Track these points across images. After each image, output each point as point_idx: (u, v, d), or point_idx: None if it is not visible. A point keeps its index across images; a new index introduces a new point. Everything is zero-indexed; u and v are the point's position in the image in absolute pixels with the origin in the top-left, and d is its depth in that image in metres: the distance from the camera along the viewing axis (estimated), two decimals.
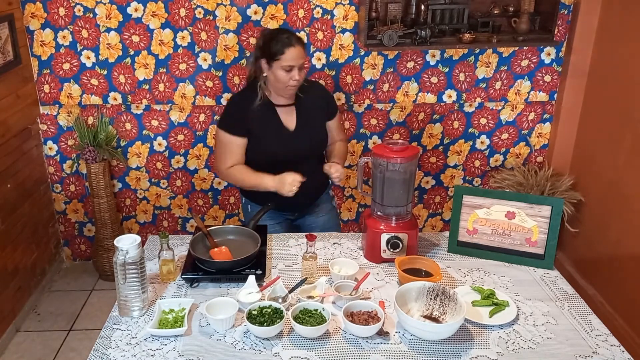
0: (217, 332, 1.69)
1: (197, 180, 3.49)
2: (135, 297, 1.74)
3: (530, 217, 2.01)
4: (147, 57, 3.19)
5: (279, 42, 2.13)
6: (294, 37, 2.16)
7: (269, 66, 2.17)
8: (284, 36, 2.15)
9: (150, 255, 2.09)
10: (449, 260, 2.09)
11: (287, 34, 2.17)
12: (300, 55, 2.14)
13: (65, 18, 3.11)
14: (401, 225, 2.03)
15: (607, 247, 3.00)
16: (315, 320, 1.67)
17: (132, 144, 3.39)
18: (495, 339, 1.67)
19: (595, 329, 1.72)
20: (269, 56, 2.15)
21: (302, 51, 2.15)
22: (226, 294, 1.87)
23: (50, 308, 3.25)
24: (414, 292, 1.76)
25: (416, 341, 1.65)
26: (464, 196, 2.09)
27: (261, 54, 2.19)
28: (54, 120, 3.33)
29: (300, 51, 2.14)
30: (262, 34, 2.25)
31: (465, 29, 3.07)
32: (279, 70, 2.15)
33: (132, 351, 1.62)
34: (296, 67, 2.14)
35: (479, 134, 3.46)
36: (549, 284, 1.94)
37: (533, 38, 3.10)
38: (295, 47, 2.13)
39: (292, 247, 2.17)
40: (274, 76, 2.17)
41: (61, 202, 3.52)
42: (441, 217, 3.69)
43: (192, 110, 3.32)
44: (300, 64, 2.15)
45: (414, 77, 3.30)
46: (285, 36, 2.15)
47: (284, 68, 2.13)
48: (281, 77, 2.16)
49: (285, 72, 2.14)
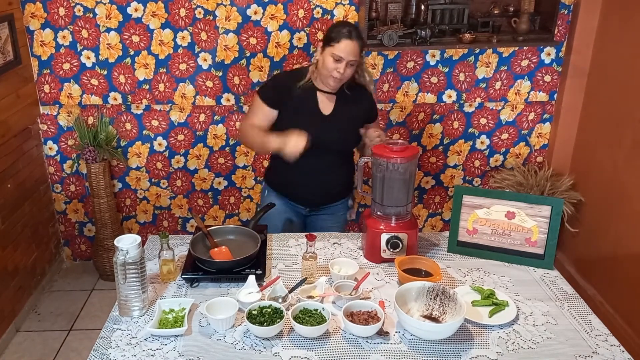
0: (217, 332, 1.69)
1: (197, 180, 3.49)
2: (136, 297, 1.74)
3: (530, 217, 2.01)
4: (147, 57, 3.19)
5: (339, 31, 2.12)
6: (355, 33, 2.13)
7: (322, 50, 2.17)
8: (347, 28, 2.13)
9: (150, 255, 2.09)
10: (448, 260, 2.09)
11: (351, 28, 2.15)
12: (353, 50, 2.11)
13: (65, 18, 3.11)
14: (401, 225, 2.03)
15: (607, 247, 3.00)
16: (315, 320, 1.67)
17: (132, 144, 3.39)
18: (495, 338, 1.67)
19: (595, 329, 1.72)
20: (326, 40, 2.15)
21: (357, 48, 2.12)
22: (226, 293, 1.87)
23: (50, 308, 3.25)
24: (413, 292, 1.76)
25: (416, 341, 1.65)
26: (464, 196, 2.09)
27: (323, 37, 2.21)
28: (54, 120, 3.33)
29: (355, 47, 2.11)
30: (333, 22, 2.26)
31: (465, 29, 3.07)
32: (328, 56, 2.13)
33: (132, 351, 1.62)
34: (345, 60, 2.11)
35: (479, 134, 3.46)
36: (548, 284, 1.94)
37: (533, 38, 3.11)
38: (352, 40, 2.10)
39: (292, 247, 2.17)
40: (322, 60, 2.16)
41: (61, 202, 3.52)
42: (441, 217, 3.69)
43: (192, 110, 3.32)
44: (349, 60, 2.12)
45: (414, 77, 3.30)
46: (347, 29, 2.13)
47: (333, 56, 2.12)
48: (327, 64, 2.14)
49: (334, 60, 2.12)
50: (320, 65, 2.18)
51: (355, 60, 2.14)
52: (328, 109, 2.27)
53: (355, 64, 2.17)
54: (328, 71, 2.15)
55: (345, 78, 2.19)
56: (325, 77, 2.19)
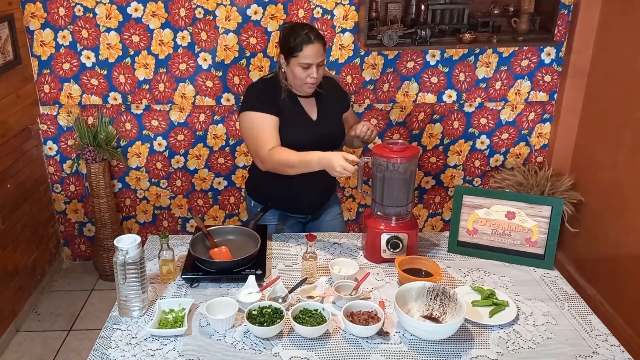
0: (217, 332, 1.69)
1: (197, 180, 3.49)
2: (135, 297, 1.74)
3: (530, 217, 2.01)
4: (147, 57, 3.19)
5: (297, 38, 2.03)
6: (314, 33, 2.05)
7: (287, 62, 2.09)
8: (303, 32, 2.04)
9: (150, 255, 2.09)
10: (449, 260, 2.09)
11: (307, 29, 2.06)
12: (319, 52, 2.04)
13: (65, 18, 3.11)
14: (401, 225, 2.03)
15: (607, 247, 3.00)
16: (315, 320, 1.67)
17: (132, 144, 3.39)
18: (495, 339, 1.67)
19: (595, 329, 1.72)
20: (287, 52, 2.07)
21: (322, 48, 2.06)
22: (226, 294, 1.87)
23: (50, 308, 3.25)
24: (414, 292, 1.76)
25: (416, 341, 1.65)
26: (464, 196, 2.09)
27: (280, 49, 2.11)
28: (54, 120, 3.33)
29: (319, 48, 2.05)
30: (282, 27, 2.16)
31: (465, 29, 3.07)
32: (296, 67, 2.06)
33: (132, 351, 1.62)
34: (314, 64, 2.05)
35: (479, 134, 3.46)
36: (549, 284, 1.94)
37: (533, 38, 3.10)
38: (314, 44, 2.03)
39: (292, 247, 2.17)
40: (291, 72, 2.10)
41: (61, 202, 3.52)
42: (441, 217, 3.69)
43: (192, 110, 3.32)
44: (318, 62, 2.06)
45: (414, 77, 3.30)
46: (305, 32, 2.04)
47: (301, 65, 2.05)
48: (298, 74, 2.08)
49: (303, 69, 2.06)
50: (291, 77, 2.11)
51: (323, 59, 2.08)
52: (314, 113, 2.22)
53: (323, 62, 2.10)
54: (301, 81, 2.09)
55: (320, 79, 2.13)
56: (300, 86, 2.13)
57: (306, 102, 2.21)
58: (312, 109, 2.22)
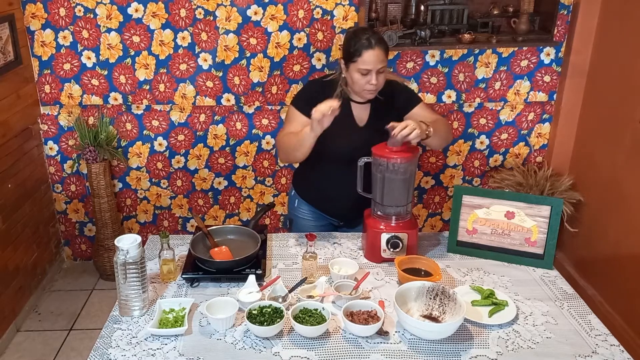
0: (218, 332, 1.69)
1: (198, 180, 3.50)
2: (136, 297, 1.75)
3: (530, 217, 2.02)
4: (147, 57, 3.20)
5: (357, 43, 1.98)
6: (375, 39, 1.98)
7: (346, 67, 2.05)
8: (364, 37, 1.98)
9: (150, 255, 2.10)
10: (448, 260, 2.09)
11: (368, 34, 2.00)
12: (379, 58, 1.98)
13: (65, 18, 3.11)
14: (401, 225, 2.03)
15: (607, 247, 3.01)
16: (315, 320, 1.67)
17: (132, 144, 3.40)
18: (494, 338, 1.67)
19: (594, 329, 1.72)
20: (346, 57, 2.03)
21: (382, 54, 1.99)
22: (226, 293, 1.88)
23: (50, 308, 3.25)
24: (413, 291, 1.76)
25: (416, 341, 1.65)
26: (464, 196, 2.09)
27: (341, 53, 2.08)
28: (55, 121, 3.33)
29: (380, 54, 1.98)
30: (346, 31, 2.11)
31: (465, 29, 3.07)
32: (355, 72, 2.01)
33: (132, 351, 1.63)
34: (373, 71, 1.99)
35: (479, 134, 3.46)
36: (548, 284, 1.95)
37: (532, 38, 3.11)
38: (374, 49, 1.96)
39: (292, 246, 2.17)
40: (350, 78, 2.06)
41: (62, 202, 3.52)
42: (441, 217, 3.70)
43: (193, 110, 3.33)
44: (378, 68, 1.99)
45: (414, 77, 3.30)
46: (365, 37, 1.98)
47: (360, 71, 2.00)
48: (357, 80, 2.03)
49: (362, 75, 2.01)
50: (350, 83, 2.07)
51: (384, 65, 2.01)
52: (363, 120, 2.17)
53: (384, 69, 2.03)
54: (360, 87, 2.04)
55: (380, 86, 2.06)
56: (359, 92, 2.09)
57: (358, 108, 2.17)
58: (363, 114, 2.18)
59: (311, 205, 2.35)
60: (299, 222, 2.39)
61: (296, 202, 2.40)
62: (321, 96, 2.03)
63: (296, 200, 2.40)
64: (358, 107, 2.17)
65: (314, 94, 2.12)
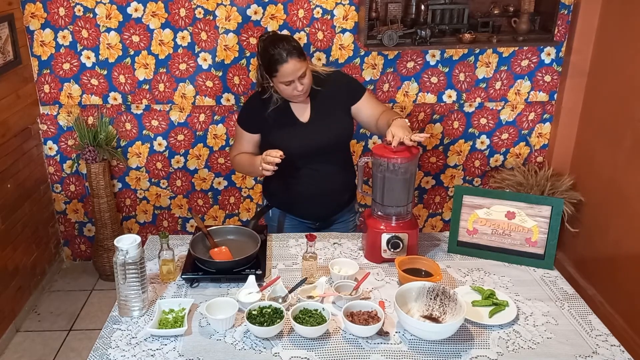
0: (217, 332, 1.69)
1: (197, 180, 3.49)
2: (135, 297, 1.74)
3: (530, 217, 2.01)
4: (147, 57, 3.19)
5: (271, 60, 2.00)
6: (286, 51, 1.98)
7: (270, 80, 2.09)
8: (276, 52, 1.99)
9: (150, 255, 2.09)
10: (449, 260, 2.09)
11: (279, 47, 1.99)
12: (295, 68, 2.00)
13: (65, 18, 3.11)
14: (401, 225, 2.03)
15: (607, 247, 3.00)
16: (315, 320, 1.67)
17: (132, 144, 3.39)
18: (495, 339, 1.67)
19: (595, 329, 1.72)
20: (266, 71, 2.07)
21: (298, 62, 2.00)
22: (226, 294, 1.87)
23: (50, 308, 3.25)
24: (414, 292, 1.76)
25: (416, 341, 1.65)
26: (464, 196, 2.09)
27: (260, 67, 2.12)
28: (54, 120, 3.33)
29: (295, 64, 1.99)
30: (259, 41, 2.13)
31: (465, 29, 3.07)
32: (279, 84, 2.06)
33: (132, 351, 1.62)
34: (295, 79, 2.02)
35: (479, 134, 3.46)
36: (549, 284, 1.94)
37: (533, 38, 3.10)
38: (288, 62, 1.98)
39: (292, 247, 2.17)
40: (277, 88, 2.10)
41: (61, 202, 3.52)
42: (441, 217, 3.69)
43: (192, 110, 3.32)
44: (299, 75, 2.02)
45: (414, 77, 3.30)
46: (277, 52, 1.99)
47: (283, 83, 2.04)
48: (284, 90, 2.07)
49: (286, 85, 2.05)
50: (279, 91, 2.11)
51: (304, 70, 2.03)
52: (305, 115, 2.19)
53: (306, 72, 2.04)
54: (289, 94, 2.09)
55: (308, 87, 2.08)
56: (290, 98, 2.13)
57: (298, 106, 2.20)
58: (304, 110, 2.20)
59: (285, 212, 2.34)
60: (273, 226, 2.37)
61: (270, 212, 2.38)
62: (261, 109, 2.17)
63: (269, 211, 2.38)
64: (297, 105, 2.20)
65: (254, 110, 2.22)
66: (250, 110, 2.24)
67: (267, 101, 2.18)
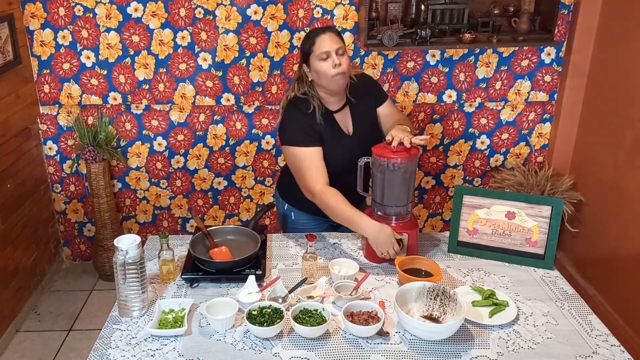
0: (217, 332, 1.69)
1: (197, 180, 3.49)
2: (135, 297, 1.74)
3: (531, 217, 2.01)
4: (147, 57, 3.19)
5: (309, 36, 2.06)
6: (324, 27, 2.09)
7: (309, 66, 2.07)
8: (313, 30, 2.08)
9: (150, 255, 2.09)
10: (449, 260, 2.09)
11: (316, 28, 2.10)
12: (332, 39, 2.01)
13: (65, 18, 3.11)
14: (401, 225, 2.03)
15: (607, 247, 3.00)
16: (315, 321, 1.67)
17: (132, 144, 3.39)
18: (495, 339, 1.67)
19: (595, 329, 1.72)
20: (305, 55, 2.07)
21: (335, 36, 2.03)
22: (226, 294, 1.87)
23: (50, 308, 3.25)
24: (414, 292, 1.76)
25: (416, 341, 1.65)
26: (464, 196, 2.09)
27: (300, 60, 2.11)
28: (54, 120, 3.33)
29: (332, 36, 2.02)
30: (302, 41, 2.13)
31: (466, 29, 3.07)
32: (317, 63, 2.02)
33: (132, 351, 1.62)
34: (332, 51, 2.00)
35: (479, 134, 3.46)
36: (549, 284, 1.94)
37: (533, 38, 3.10)
38: (325, 33, 2.03)
39: (292, 247, 2.17)
40: (316, 73, 2.05)
41: (61, 202, 3.52)
42: (441, 217, 3.69)
43: (192, 110, 3.32)
44: (336, 49, 2.01)
45: (414, 77, 3.30)
46: (314, 30, 2.08)
47: (320, 58, 2.01)
48: (322, 68, 2.02)
49: (323, 60, 2.01)
50: (317, 77, 2.06)
51: (341, 47, 2.03)
52: (349, 126, 2.18)
53: (344, 51, 2.04)
54: (328, 74, 2.02)
55: (346, 68, 2.04)
56: (329, 82, 2.05)
57: (341, 116, 2.17)
58: (347, 121, 2.19)
59: (308, 214, 2.31)
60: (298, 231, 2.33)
61: (292, 215, 2.35)
62: (310, 120, 2.09)
63: (292, 214, 2.35)
64: (340, 116, 2.17)
65: (303, 124, 2.09)
66: (302, 125, 2.10)
67: (311, 113, 2.11)
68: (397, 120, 2.19)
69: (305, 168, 2.06)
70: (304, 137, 2.07)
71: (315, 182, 2.04)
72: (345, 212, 1.99)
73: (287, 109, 2.16)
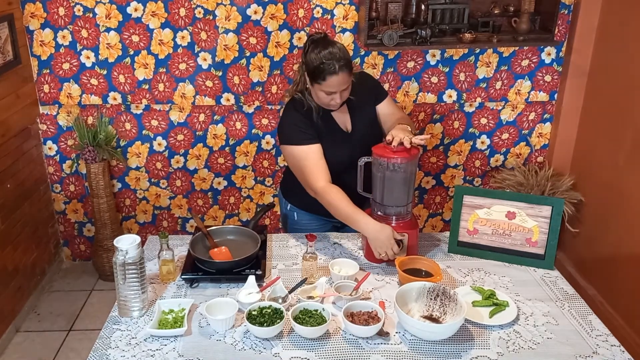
0: (217, 333, 1.69)
1: (197, 180, 3.49)
2: (135, 298, 1.74)
3: (531, 217, 2.01)
4: (146, 57, 3.19)
5: (323, 68, 1.94)
6: (340, 64, 1.94)
7: (311, 84, 2.03)
8: (329, 62, 1.93)
9: (150, 255, 2.09)
10: (449, 260, 2.09)
11: (335, 60, 1.94)
12: (343, 81, 1.97)
13: (65, 18, 3.11)
14: (401, 225, 2.02)
15: (607, 247, 3.00)
16: (315, 321, 1.66)
17: (131, 144, 3.39)
18: (495, 339, 1.67)
19: (595, 329, 1.72)
20: (310, 76, 2.01)
21: (347, 77, 1.98)
22: (226, 294, 1.87)
23: (50, 308, 3.24)
24: (414, 292, 1.76)
25: (416, 341, 1.65)
26: (465, 196, 2.08)
27: (305, 67, 2.04)
28: (54, 120, 3.33)
29: (344, 78, 1.97)
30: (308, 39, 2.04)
31: (466, 28, 3.06)
32: (319, 92, 2.01)
33: (131, 351, 1.62)
34: (338, 91, 1.99)
35: (480, 133, 3.46)
36: (549, 284, 1.94)
37: (533, 38, 3.10)
38: (338, 74, 1.94)
39: (292, 247, 2.17)
40: (315, 94, 2.05)
41: (61, 202, 3.52)
42: (441, 217, 3.69)
43: (192, 110, 3.32)
44: (342, 89, 2.00)
45: (414, 77, 3.30)
46: (331, 63, 1.93)
47: (324, 91, 2.00)
48: (322, 98, 2.03)
49: (326, 94, 2.01)
50: (315, 98, 2.06)
51: (348, 85, 2.01)
52: (348, 124, 2.17)
53: (348, 85, 2.02)
54: (325, 103, 2.04)
55: (346, 98, 2.06)
56: (324, 106, 2.08)
57: (338, 114, 2.16)
58: (345, 119, 2.18)
59: (311, 214, 2.31)
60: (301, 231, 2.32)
61: (295, 215, 2.35)
62: (307, 119, 2.08)
63: (295, 214, 2.35)
64: (337, 113, 2.16)
65: (299, 122, 2.09)
66: (300, 124, 2.10)
67: (308, 112, 2.11)
68: (398, 119, 2.18)
69: (306, 167, 2.07)
70: (301, 134, 2.07)
71: (317, 180, 2.04)
72: (347, 210, 1.99)
73: (284, 110, 2.17)
